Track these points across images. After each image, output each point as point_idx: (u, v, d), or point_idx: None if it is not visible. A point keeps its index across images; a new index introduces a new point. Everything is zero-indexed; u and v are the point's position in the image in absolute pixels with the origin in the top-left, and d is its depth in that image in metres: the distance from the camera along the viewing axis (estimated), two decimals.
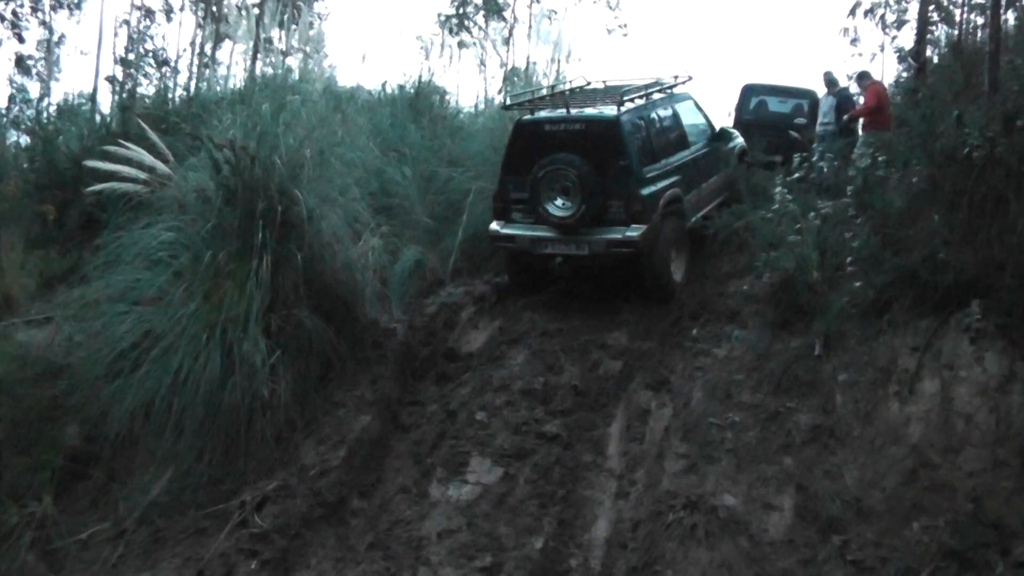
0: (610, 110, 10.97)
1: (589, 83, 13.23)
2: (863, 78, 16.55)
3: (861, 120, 16.00)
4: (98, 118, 15.65)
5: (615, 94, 11.42)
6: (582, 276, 11.37)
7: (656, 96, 12.20)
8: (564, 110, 11.14)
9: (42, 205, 12.39)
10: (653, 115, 11.73)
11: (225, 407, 8.04)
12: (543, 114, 11.30)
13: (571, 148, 10.58)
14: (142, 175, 9.29)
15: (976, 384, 7.63)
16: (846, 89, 17.28)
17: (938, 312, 8.24)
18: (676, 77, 12.98)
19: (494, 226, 11.23)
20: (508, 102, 12.25)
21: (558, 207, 10.56)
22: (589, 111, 11.18)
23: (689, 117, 12.84)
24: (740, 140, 14.28)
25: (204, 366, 8.08)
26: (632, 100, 11.28)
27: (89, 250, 9.53)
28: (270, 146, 9.19)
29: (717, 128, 13.63)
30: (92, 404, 8.39)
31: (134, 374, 8.20)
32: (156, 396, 8.05)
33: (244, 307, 8.45)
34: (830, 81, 17.12)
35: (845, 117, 15.99)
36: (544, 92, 12.46)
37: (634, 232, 10.40)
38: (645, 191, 10.61)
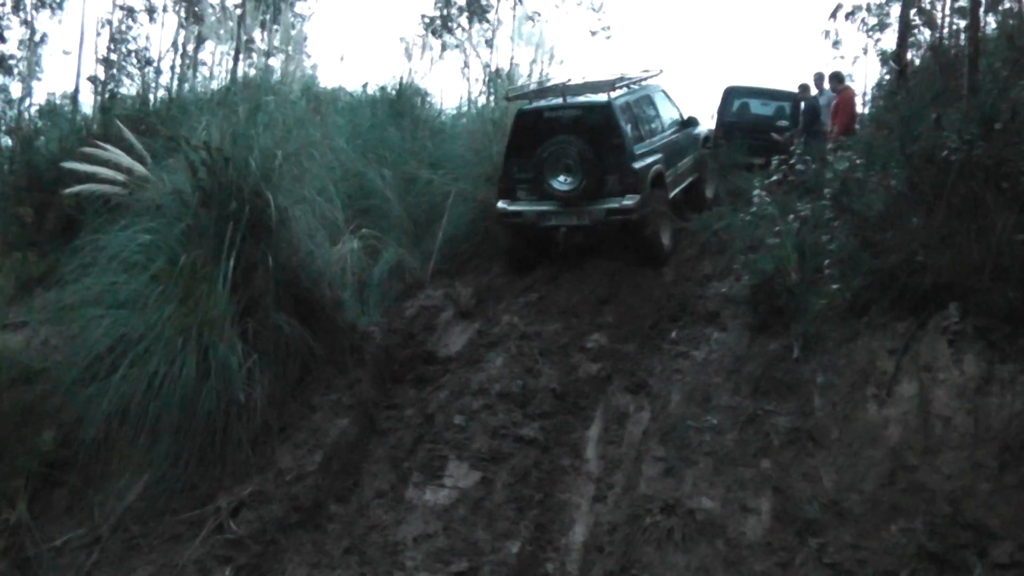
0: (602, 97, 12.24)
1: (570, 80, 13.84)
2: (838, 80, 16.71)
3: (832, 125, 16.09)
4: (79, 119, 15.56)
5: (602, 85, 12.65)
6: (581, 247, 12.27)
7: (635, 87, 13.52)
8: (561, 99, 12.36)
9: (20, 207, 12.30)
10: (636, 102, 13.08)
11: (201, 412, 7.96)
12: (542, 103, 12.51)
13: (569, 131, 11.86)
14: (120, 177, 9.22)
15: (954, 386, 7.63)
16: (815, 97, 17.40)
17: (916, 314, 8.24)
18: (646, 71, 14.32)
19: (501, 204, 12.13)
20: (509, 95, 13.50)
21: (561, 183, 11.65)
22: (583, 99, 12.44)
23: (663, 105, 14.25)
24: (703, 128, 15.51)
25: (180, 370, 8.01)
26: (619, 88, 12.61)
27: (66, 253, 9.44)
28: (245, 148, 9.13)
29: (685, 116, 14.84)
30: (68, 409, 8.33)
31: (110, 378, 8.10)
32: (132, 401, 7.96)
33: (220, 310, 8.39)
34: (818, 82, 17.29)
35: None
36: (539, 86, 13.68)
37: (630, 201, 11.50)
38: (637, 165, 11.83)
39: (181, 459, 7.93)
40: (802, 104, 17.02)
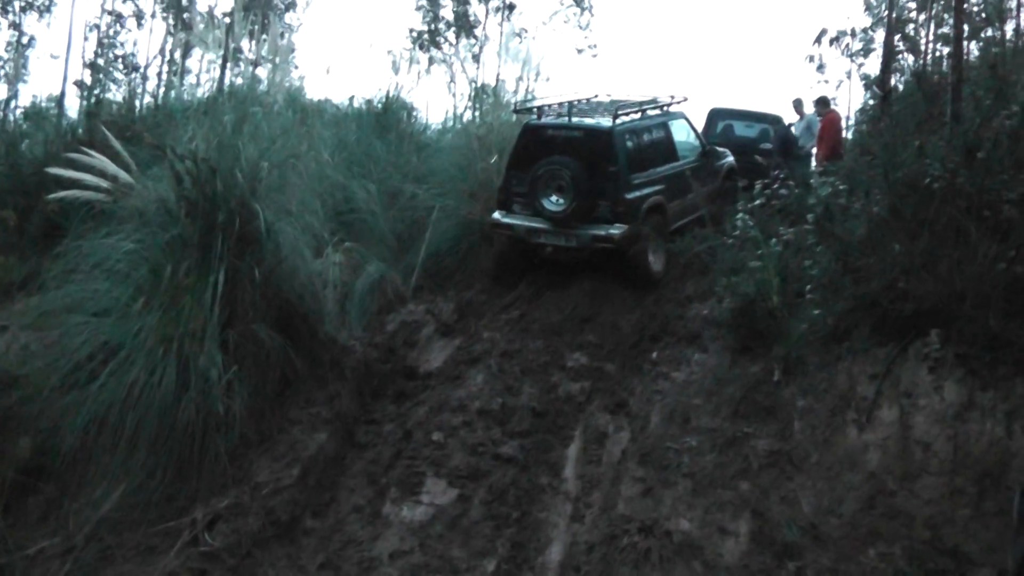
0: (606, 121, 12.21)
1: (596, 95, 14.16)
2: (823, 104, 16.86)
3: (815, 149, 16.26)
4: (64, 124, 15.47)
5: (612, 108, 12.67)
6: (569, 265, 12.19)
7: (651, 112, 13.47)
8: (567, 118, 12.43)
9: (3, 210, 12.20)
10: (645, 129, 13.01)
11: (179, 422, 7.89)
12: (548, 120, 12.60)
13: (569, 152, 11.85)
14: (104, 184, 9.15)
15: (934, 412, 7.63)
16: (787, 125, 17.59)
17: (897, 340, 8.23)
18: (672, 97, 14.09)
19: (496, 215, 12.26)
20: (517, 107, 13.83)
21: (552, 203, 11.71)
22: (588, 121, 12.44)
23: (680, 134, 14.00)
24: (730, 159, 15.28)
25: (160, 380, 7.95)
26: (627, 114, 12.61)
27: (49, 258, 9.38)
28: (231, 158, 9.09)
29: (707, 146, 14.59)
30: (46, 416, 8.21)
31: (89, 386, 8.03)
32: (111, 410, 7.89)
33: (202, 321, 8.33)
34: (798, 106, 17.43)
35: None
36: (552, 102, 13.39)
37: (616, 231, 11.54)
38: (629, 195, 11.80)
39: (158, 470, 7.85)
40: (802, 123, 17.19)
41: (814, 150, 17.17)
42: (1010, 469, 7.07)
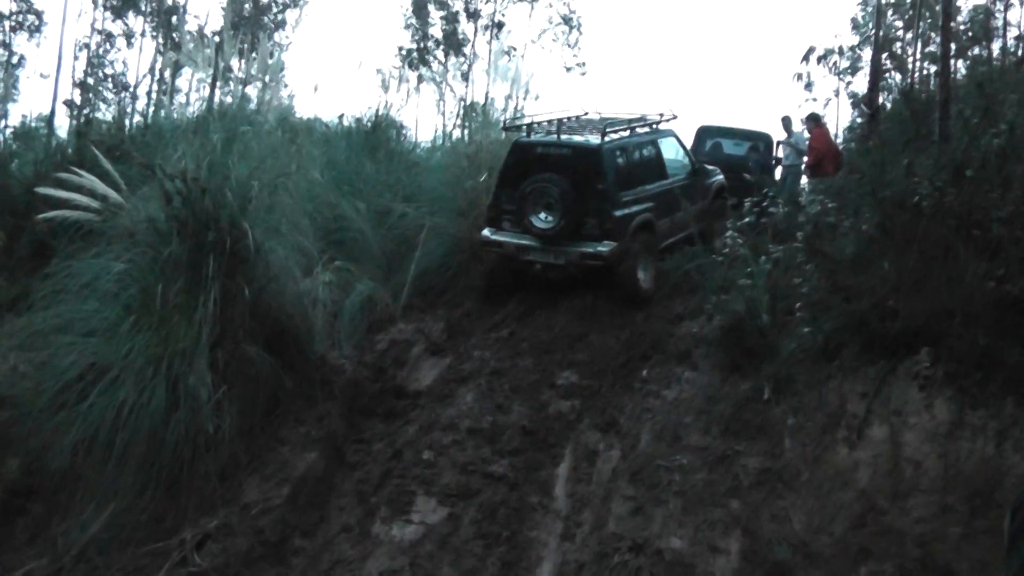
0: (595, 139, 12.10)
1: (585, 113, 14.06)
2: (790, 124, 17.13)
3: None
4: (54, 143, 15.45)
5: (601, 125, 12.56)
6: (559, 283, 12.18)
7: (640, 130, 13.37)
8: (555, 136, 12.36)
9: None
10: (634, 146, 12.97)
11: (169, 443, 7.89)
12: (537, 137, 12.53)
13: (557, 169, 11.75)
14: (94, 204, 9.15)
15: (925, 431, 7.64)
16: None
17: (887, 359, 8.24)
18: (661, 114, 13.88)
19: (486, 232, 12.18)
20: (506, 125, 13.75)
21: (541, 220, 11.67)
22: (576, 138, 12.38)
23: (669, 152, 13.87)
24: (719, 177, 15.11)
25: (149, 400, 7.95)
26: (615, 132, 12.58)
27: (38, 278, 9.36)
28: (221, 177, 9.09)
29: (696, 164, 14.46)
30: (35, 436, 8.22)
31: (78, 407, 8.02)
32: (100, 430, 7.88)
33: (191, 341, 8.33)
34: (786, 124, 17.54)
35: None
36: (541, 120, 13.25)
37: (604, 248, 11.51)
38: (618, 212, 11.73)
39: (147, 490, 7.84)
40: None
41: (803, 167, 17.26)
42: (1001, 487, 7.07)
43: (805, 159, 17.08)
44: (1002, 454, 7.28)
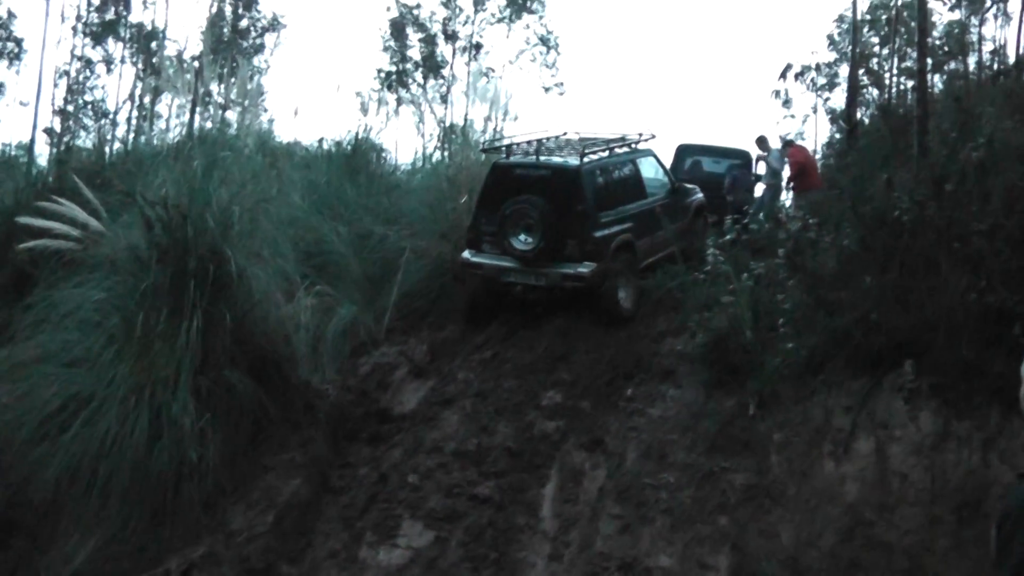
0: (574, 160, 12.19)
1: (564, 133, 14.12)
2: (766, 143, 17.32)
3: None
4: (34, 171, 15.40)
5: (580, 146, 12.74)
6: (541, 304, 12.16)
7: (619, 150, 13.39)
8: (535, 157, 12.43)
9: None
10: (613, 167, 12.97)
11: (152, 472, 7.86)
12: (516, 159, 12.56)
13: (537, 191, 11.78)
14: (75, 232, 9.12)
15: (911, 443, 7.65)
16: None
17: (872, 372, 8.26)
18: (640, 134, 13.99)
19: (465, 254, 12.21)
20: (485, 147, 13.74)
21: (521, 242, 11.64)
22: (556, 159, 12.44)
23: (649, 171, 13.91)
24: (699, 196, 15.11)
25: (132, 430, 7.91)
26: (594, 152, 12.58)
27: (19, 309, 9.32)
28: (202, 203, 9.06)
29: (676, 183, 14.49)
30: (17, 469, 8.17)
31: (61, 438, 7.98)
32: (83, 460, 7.84)
33: (174, 369, 8.30)
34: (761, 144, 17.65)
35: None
36: (520, 141, 13.34)
37: (585, 269, 11.51)
38: (598, 233, 11.75)
39: (131, 520, 7.80)
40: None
41: (783, 184, 17.34)
42: (988, 498, 7.09)
43: (786, 175, 17.12)
44: (988, 464, 7.31)
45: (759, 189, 18.07)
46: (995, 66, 29.06)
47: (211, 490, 8.16)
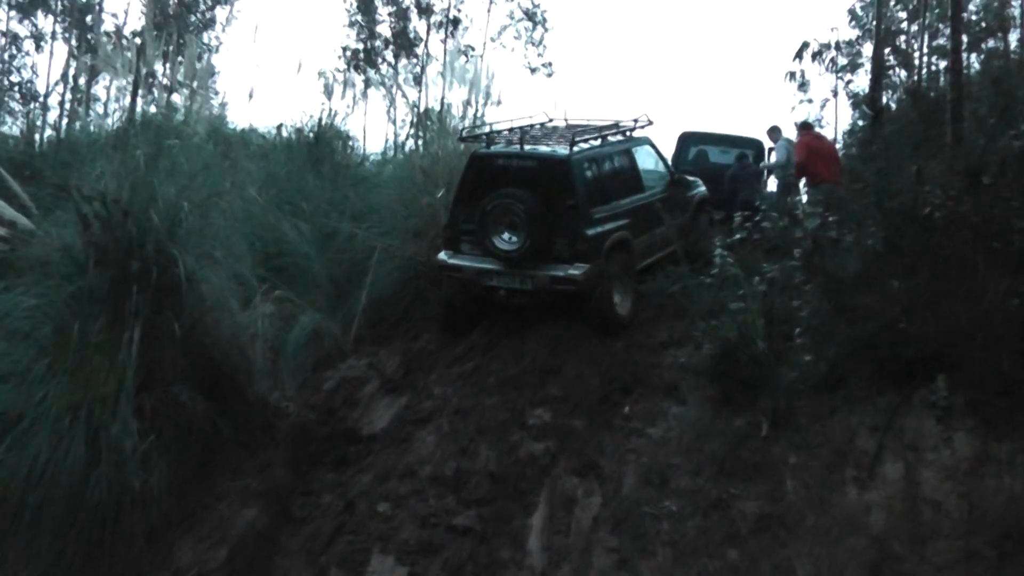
0: (563, 149, 12.02)
1: (551, 120, 14.11)
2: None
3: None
4: None
5: (570, 134, 12.55)
6: (526, 310, 12.08)
7: (612, 138, 13.28)
8: (519, 146, 12.16)
9: None
10: (606, 157, 12.83)
11: (89, 502, 7.85)
12: (498, 148, 12.37)
13: (522, 184, 11.55)
14: (2, 231, 9.10)
15: (944, 467, 7.69)
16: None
17: (900, 387, 8.30)
18: (635, 121, 13.85)
19: (442, 256, 12.07)
20: (464, 135, 13.44)
21: (504, 241, 11.49)
22: (543, 149, 12.28)
23: (646, 162, 13.87)
24: (701, 189, 15.09)
25: (66, 453, 7.90)
26: (585, 141, 12.43)
27: None
28: (146, 198, 9.06)
29: (675, 175, 14.48)
30: None
31: None
32: (9, 489, 7.83)
33: (114, 384, 8.30)
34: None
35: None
36: (503, 128, 13.20)
37: (576, 271, 11.34)
38: (591, 231, 11.60)
39: (65, 557, 7.80)
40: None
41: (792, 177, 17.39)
42: None
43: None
44: None
45: (771, 183, 18.12)
46: None
47: (156, 522, 8.18)
